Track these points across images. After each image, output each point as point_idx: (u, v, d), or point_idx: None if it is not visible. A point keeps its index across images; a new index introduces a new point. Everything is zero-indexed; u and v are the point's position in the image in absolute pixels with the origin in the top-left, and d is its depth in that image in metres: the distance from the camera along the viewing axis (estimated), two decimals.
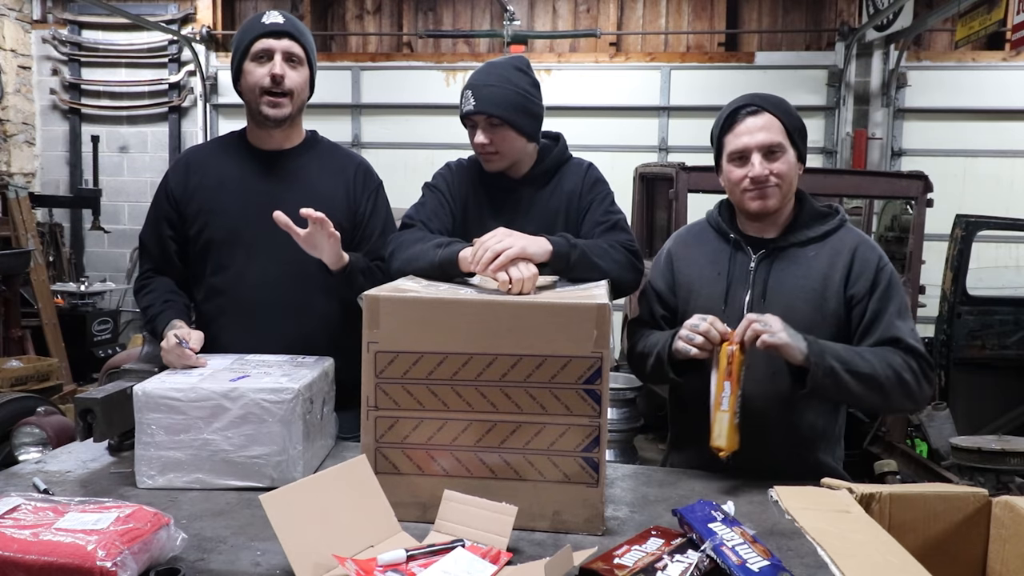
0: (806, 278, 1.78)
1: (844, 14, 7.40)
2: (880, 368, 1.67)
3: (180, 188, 2.05)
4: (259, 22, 1.98)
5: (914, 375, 1.69)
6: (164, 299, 2.01)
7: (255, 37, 1.96)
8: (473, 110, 1.88)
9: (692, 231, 2.01)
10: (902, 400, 1.73)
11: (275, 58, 1.95)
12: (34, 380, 5.19)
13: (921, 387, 1.71)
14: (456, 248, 1.74)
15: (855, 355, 1.67)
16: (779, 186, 1.77)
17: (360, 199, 2.07)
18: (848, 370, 1.64)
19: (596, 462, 1.47)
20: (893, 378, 1.67)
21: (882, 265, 1.79)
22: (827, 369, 1.62)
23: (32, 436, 3.09)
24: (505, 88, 1.89)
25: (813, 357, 1.61)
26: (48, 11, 8.21)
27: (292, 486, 1.34)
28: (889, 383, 1.67)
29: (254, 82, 1.96)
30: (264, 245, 2.00)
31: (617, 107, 7.60)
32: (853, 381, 1.64)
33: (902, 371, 1.68)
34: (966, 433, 3.81)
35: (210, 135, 8.03)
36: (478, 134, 1.91)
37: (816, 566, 1.29)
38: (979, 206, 6.05)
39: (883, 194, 4.84)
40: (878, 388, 1.67)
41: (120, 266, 8.16)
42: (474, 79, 1.92)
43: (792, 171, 1.79)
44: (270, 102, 1.96)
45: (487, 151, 1.93)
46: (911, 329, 1.75)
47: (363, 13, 8.27)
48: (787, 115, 1.79)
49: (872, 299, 1.76)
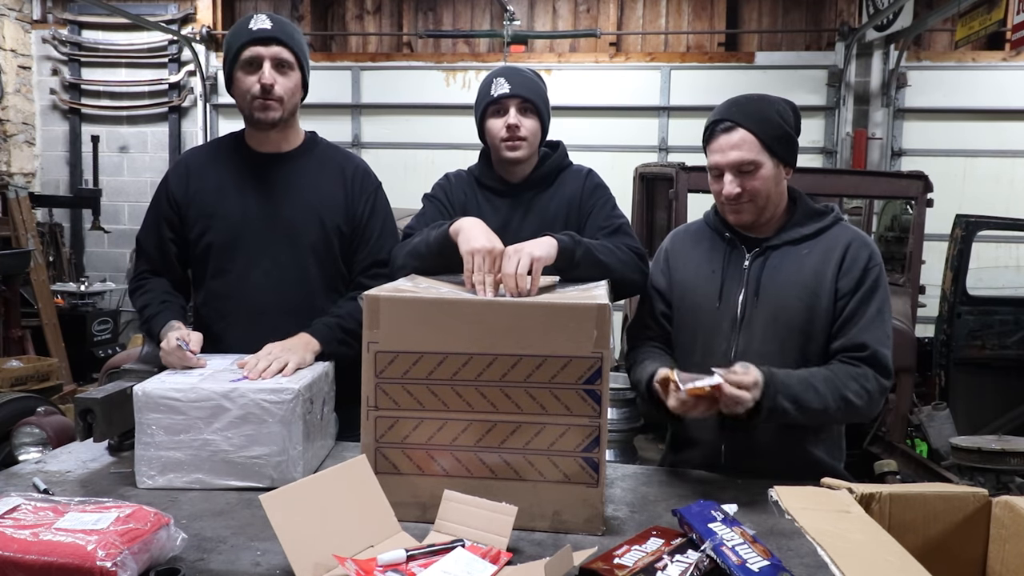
0: (799, 275, 1.79)
1: (844, 14, 7.40)
2: (832, 400, 1.69)
3: (181, 191, 2.05)
4: (246, 28, 1.93)
5: (867, 399, 1.72)
6: (161, 300, 2.01)
7: (243, 44, 1.92)
8: (508, 93, 1.94)
9: (689, 230, 2.02)
10: (848, 418, 1.79)
11: (264, 66, 1.92)
12: (34, 380, 5.19)
13: (870, 408, 1.74)
14: (447, 225, 1.77)
15: (809, 389, 1.68)
16: (753, 201, 1.78)
17: (358, 201, 2.07)
18: (799, 407, 1.66)
19: (596, 462, 1.47)
20: (842, 407, 1.70)
21: (871, 265, 1.78)
22: (779, 411, 1.65)
23: (32, 436, 3.09)
24: (535, 81, 2.01)
25: (766, 401, 1.63)
26: (48, 11, 8.21)
27: (292, 486, 1.34)
28: (838, 412, 1.72)
29: (244, 89, 1.95)
30: (264, 248, 2.00)
31: (617, 107, 7.60)
32: (801, 417, 1.68)
33: (855, 398, 1.70)
34: (966, 433, 3.81)
35: (210, 135, 8.03)
36: (510, 116, 1.94)
37: (816, 566, 1.29)
38: (979, 206, 6.05)
39: (883, 194, 4.84)
40: (824, 416, 1.73)
41: (120, 266, 8.16)
42: (502, 70, 2.00)
43: (768, 184, 1.77)
44: (261, 106, 1.95)
45: (516, 135, 1.95)
46: (886, 335, 1.76)
47: (363, 13, 8.27)
48: (764, 125, 1.75)
49: (853, 298, 1.76)
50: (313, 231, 2.01)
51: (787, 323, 1.77)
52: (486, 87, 1.99)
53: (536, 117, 1.98)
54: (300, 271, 2.01)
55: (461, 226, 1.73)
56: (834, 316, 1.78)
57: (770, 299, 1.79)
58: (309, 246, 2.01)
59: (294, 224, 2.01)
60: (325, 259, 2.04)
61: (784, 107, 1.82)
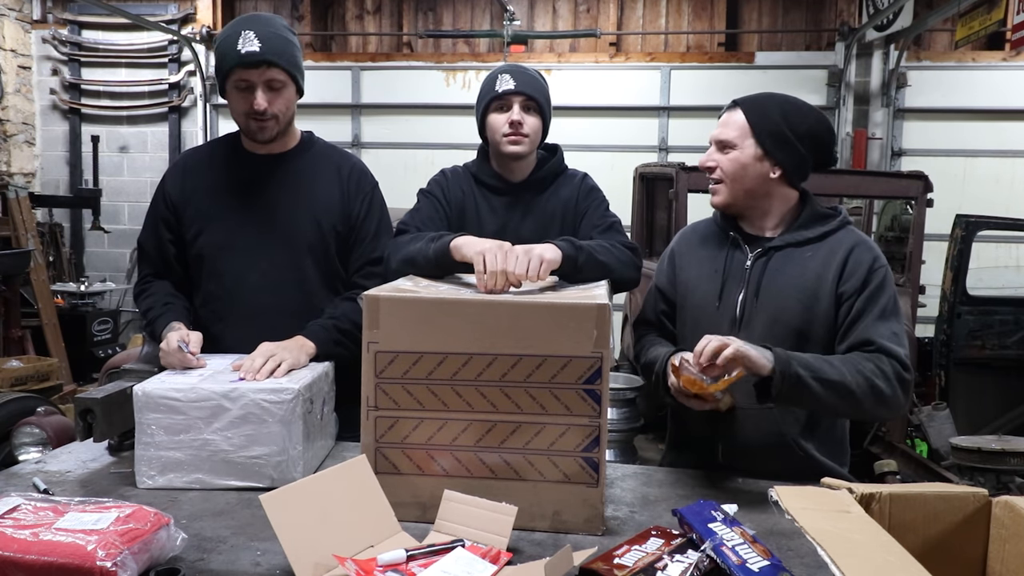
0: (800, 277, 1.78)
1: (844, 14, 7.40)
2: (850, 375, 1.62)
3: (177, 192, 2.05)
4: (234, 49, 1.85)
5: (887, 381, 1.64)
6: (164, 301, 2.01)
7: (231, 67, 1.88)
8: (513, 89, 1.96)
9: (697, 229, 2.03)
10: (876, 407, 1.66)
11: (256, 91, 1.88)
12: (34, 380, 5.19)
13: (895, 393, 1.65)
14: (447, 239, 1.76)
15: (824, 363, 1.63)
16: (722, 182, 1.81)
17: (354, 201, 2.07)
18: (815, 377, 1.60)
19: (596, 462, 1.47)
20: (864, 385, 1.62)
21: (876, 266, 1.77)
22: (793, 377, 1.58)
23: (32, 436, 3.08)
24: (539, 80, 2.03)
25: (778, 366, 1.58)
26: (48, 11, 8.21)
27: (292, 486, 1.34)
28: (860, 390, 1.62)
29: (239, 109, 1.93)
30: (261, 249, 2.00)
31: (617, 107, 7.60)
32: (821, 389, 1.60)
33: (874, 377, 1.63)
34: (966, 433, 3.81)
35: (210, 135, 8.03)
36: (513, 112, 1.96)
37: (816, 566, 1.29)
38: (979, 206, 6.05)
39: (883, 194, 4.84)
40: (848, 395, 1.62)
41: (120, 266, 8.16)
42: (507, 67, 2.02)
43: (742, 169, 1.79)
44: (257, 127, 1.94)
45: (519, 132, 1.97)
46: (894, 333, 1.70)
47: (363, 13, 8.27)
48: (760, 117, 1.78)
49: (859, 298, 1.74)
50: (310, 231, 2.01)
51: (786, 324, 1.77)
52: (490, 83, 2.01)
53: (539, 115, 2.01)
54: (297, 271, 2.01)
55: (463, 241, 1.74)
56: (836, 320, 1.76)
57: (770, 300, 1.79)
58: (306, 246, 2.01)
59: (291, 224, 2.00)
60: (322, 259, 2.04)
61: (794, 111, 1.80)
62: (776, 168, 1.80)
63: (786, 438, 1.79)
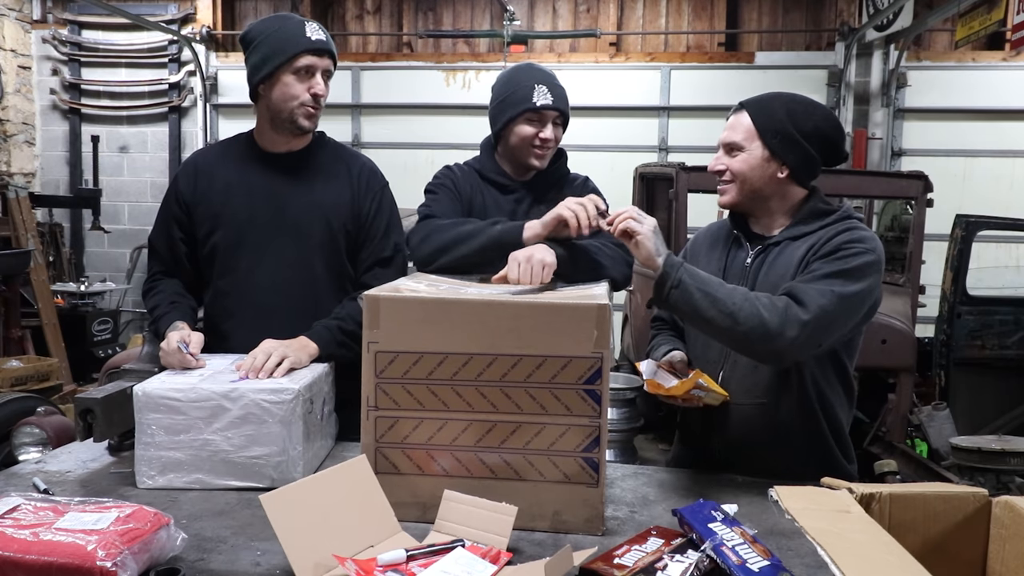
0: (787, 267, 1.78)
1: (844, 14, 7.40)
2: (739, 299, 1.60)
3: (189, 191, 2.06)
4: (304, 36, 1.94)
5: (776, 314, 1.58)
6: (170, 300, 2.02)
7: (301, 51, 1.93)
8: (551, 105, 2.02)
9: (711, 229, 2.05)
10: (760, 340, 1.60)
11: (317, 76, 1.97)
12: (34, 380, 5.19)
13: (783, 330, 1.58)
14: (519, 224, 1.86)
15: (717, 283, 1.63)
16: (732, 182, 1.83)
17: (364, 200, 2.07)
18: (701, 289, 1.59)
19: (596, 462, 1.47)
20: (749, 311, 1.58)
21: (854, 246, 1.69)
22: (676, 281, 1.59)
23: (32, 436, 3.08)
24: (566, 92, 2.09)
25: (667, 268, 1.60)
26: (48, 11, 8.20)
27: (292, 486, 1.34)
28: (743, 314, 1.58)
29: (292, 94, 1.95)
30: (271, 248, 2.01)
31: (617, 107, 7.60)
32: (705, 302, 1.58)
33: (762, 309, 1.59)
34: (966, 433, 3.81)
35: (210, 135, 8.03)
36: (547, 129, 2.02)
37: (816, 566, 1.29)
38: (979, 206, 6.04)
39: (883, 194, 4.84)
40: (730, 316, 1.58)
41: (120, 266, 8.17)
42: (542, 76, 2.05)
43: (752, 170, 1.80)
44: (308, 113, 1.98)
45: (549, 147, 2.06)
46: (827, 290, 1.63)
47: (363, 13, 8.27)
48: (766, 118, 1.79)
49: (817, 263, 1.70)
50: (319, 230, 2.02)
51: None
52: (525, 91, 2.01)
53: (563, 128, 2.10)
54: (307, 270, 2.02)
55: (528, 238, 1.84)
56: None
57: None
58: (316, 245, 2.02)
59: (300, 223, 2.01)
60: (332, 258, 2.05)
61: (799, 110, 1.80)
62: (784, 168, 1.80)
63: (785, 437, 1.79)
